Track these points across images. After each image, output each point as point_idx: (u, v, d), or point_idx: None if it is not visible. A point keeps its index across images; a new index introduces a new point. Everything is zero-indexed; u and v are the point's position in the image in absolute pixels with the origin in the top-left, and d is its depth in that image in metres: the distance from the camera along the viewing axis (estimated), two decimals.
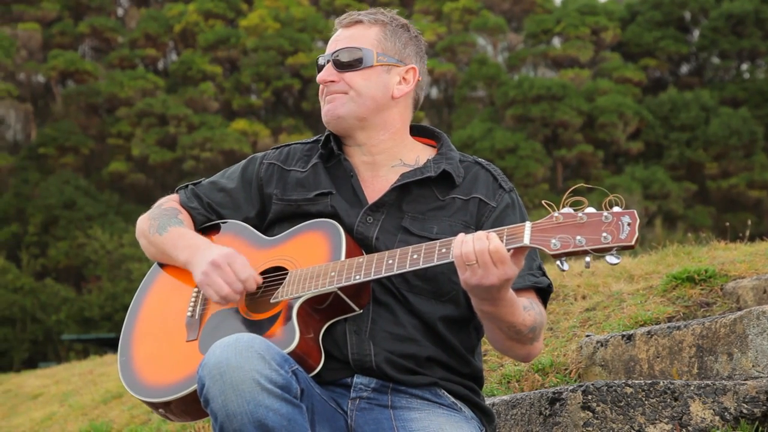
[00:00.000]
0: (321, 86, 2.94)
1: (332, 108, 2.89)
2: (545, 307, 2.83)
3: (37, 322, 39.48)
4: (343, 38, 2.92)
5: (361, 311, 2.76)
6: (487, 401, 3.40)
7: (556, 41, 55.92)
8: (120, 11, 61.29)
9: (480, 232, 2.55)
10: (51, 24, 55.83)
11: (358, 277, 2.67)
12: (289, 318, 2.68)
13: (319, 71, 2.94)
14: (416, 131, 3.03)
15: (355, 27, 2.93)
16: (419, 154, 2.94)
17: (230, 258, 2.78)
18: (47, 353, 38.89)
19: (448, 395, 2.81)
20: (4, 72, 52.75)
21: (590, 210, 2.48)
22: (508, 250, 2.52)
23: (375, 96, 2.89)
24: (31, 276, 41.75)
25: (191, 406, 2.70)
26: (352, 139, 2.93)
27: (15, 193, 49.36)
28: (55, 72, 53.33)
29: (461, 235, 2.57)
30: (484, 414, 2.89)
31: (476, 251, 2.51)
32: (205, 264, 2.78)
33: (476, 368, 2.88)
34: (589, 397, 3.37)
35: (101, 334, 32.64)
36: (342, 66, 2.89)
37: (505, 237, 2.54)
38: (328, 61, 2.91)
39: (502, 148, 47.62)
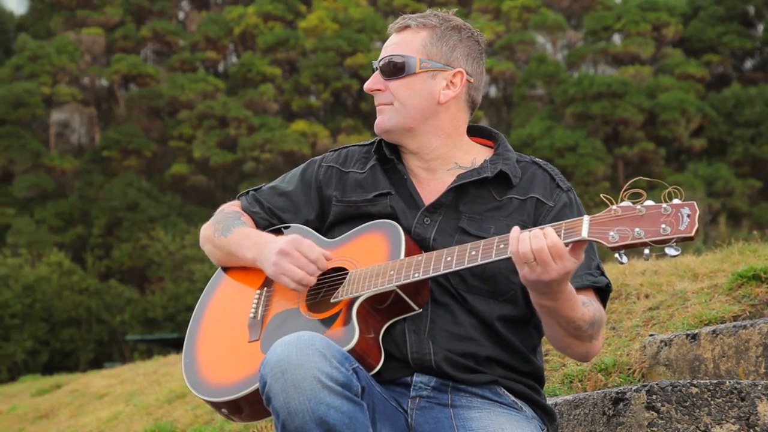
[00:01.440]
0: None
1: (380, 122, 2.91)
2: (604, 307, 2.80)
3: (102, 323, 40.07)
4: (391, 44, 2.92)
5: (421, 310, 2.76)
6: (550, 401, 3.38)
7: (617, 38, 55.44)
8: (181, 15, 62.03)
9: (536, 230, 2.54)
10: (114, 28, 56.68)
11: (417, 274, 2.68)
12: (349, 317, 2.70)
13: None
14: (473, 132, 3.02)
15: (404, 32, 2.92)
16: (476, 156, 2.94)
17: (296, 242, 2.81)
18: (112, 353, 39.47)
19: (509, 394, 2.79)
20: (69, 76, 53.67)
21: (649, 202, 2.46)
22: (567, 244, 2.51)
23: (419, 105, 2.88)
24: (95, 277, 42.39)
25: (254, 405, 2.71)
26: (405, 147, 2.94)
27: (80, 195, 50.17)
28: (118, 76, 54.13)
29: (516, 231, 2.55)
30: (545, 413, 2.87)
31: (534, 250, 2.51)
32: (273, 255, 2.82)
33: (537, 367, 2.86)
34: (654, 397, 3.33)
35: (164, 335, 33.03)
36: (386, 73, 2.90)
37: (563, 231, 2.53)
38: (375, 69, 2.93)
39: (562, 147, 47.33)
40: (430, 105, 2.88)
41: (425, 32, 2.90)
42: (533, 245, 2.51)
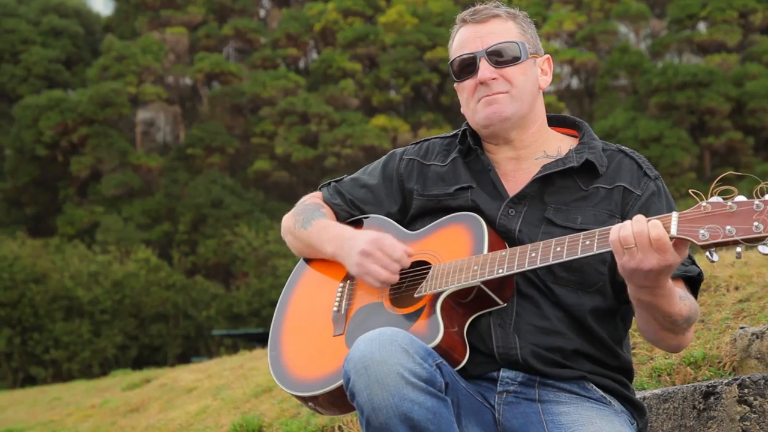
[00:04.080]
0: (473, 87, 2.86)
1: (498, 110, 2.83)
2: (695, 297, 2.74)
3: (189, 318, 40.68)
4: (487, 33, 2.85)
5: (505, 305, 2.73)
6: (638, 395, 3.33)
7: (702, 26, 54.44)
8: (262, 12, 62.64)
9: (638, 216, 2.48)
10: (197, 27, 57.51)
11: (501, 270, 2.64)
12: (432, 312, 2.68)
13: (461, 70, 2.88)
14: (556, 121, 2.99)
15: (494, 21, 2.87)
16: (561, 144, 2.90)
17: (378, 242, 2.79)
18: (199, 348, 40.06)
19: (597, 389, 2.75)
20: (154, 76, 54.58)
21: (740, 198, 2.37)
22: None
23: (532, 90, 2.86)
24: (182, 273, 43.04)
25: (339, 399, 2.72)
26: (504, 138, 2.89)
27: (165, 193, 51.00)
28: (201, 74, 54.90)
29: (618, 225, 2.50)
30: (634, 408, 2.82)
31: (635, 233, 2.43)
32: (356, 255, 2.81)
33: (625, 360, 2.81)
34: (746, 390, 3.26)
35: (249, 330, 33.43)
36: (500, 62, 2.83)
37: None
38: (479, 58, 2.84)
39: (646, 137, 46.69)
40: (535, 91, 2.88)
41: (512, 21, 2.88)
42: (634, 228, 2.44)
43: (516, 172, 2.88)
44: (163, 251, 46.55)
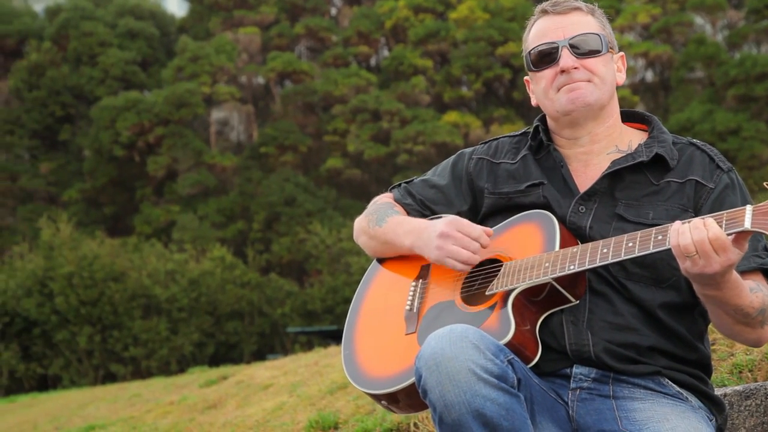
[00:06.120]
0: (552, 75, 2.85)
1: (581, 95, 2.82)
2: None
3: (264, 316, 41.00)
4: (569, 24, 2.86)
5: (578, 302, 2.72)
6: (718, 391, 3.28)
7: None
8: (333, 11, 62.87)
9: (697, 220, 2.46)
10: (269, 27, 57.94)
11: (572, 267, 2.64)
12: (504, 309, 2.68)
13: (540, 59, 2.88)
14: (626, 116, 2.98)
15: (575, 14, 2.88)
16: (631, 139, 2.89)
17: (455, 223, 2.81)
18: (274, 345, 40.38)
19: (673, 384, 2.73)
20: (227, 76, 55.13)
21: None
22: (729, 235, 2.42)
23: (612, 83, 2.88)
24: (256, 271, 43.38)
25: (412, 397, 2.73)
26: (579, 129, 2.87)
27: (240, 191, 51.48)
28: (273, 73, 55.29)
29: (677, 224, 2.48)
30: (713, 403, 2.79)
31: (695, 242, 2.43)
32: (435, 240, 2.83)
33: (704, 355, 2.78)
34: None
35: (324, 327, 33.62)
36: (581, 53, 2.84)
37: (724, 222, 2.45)
38: (561, 48, 2.83)
39: (724, 130, 45.88)
40: (614, 85, 2.88)
41: (591, 16, 2.89)
42: (694, 237, 2.43)
43: (587, 168, 2.87)
44: (237, 249, 46.97)
